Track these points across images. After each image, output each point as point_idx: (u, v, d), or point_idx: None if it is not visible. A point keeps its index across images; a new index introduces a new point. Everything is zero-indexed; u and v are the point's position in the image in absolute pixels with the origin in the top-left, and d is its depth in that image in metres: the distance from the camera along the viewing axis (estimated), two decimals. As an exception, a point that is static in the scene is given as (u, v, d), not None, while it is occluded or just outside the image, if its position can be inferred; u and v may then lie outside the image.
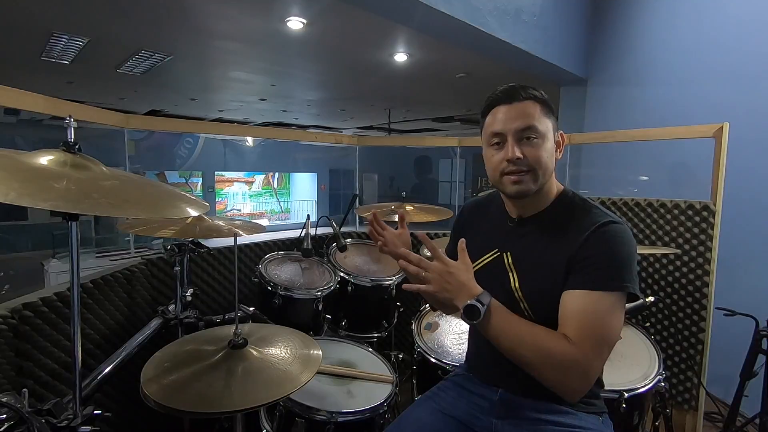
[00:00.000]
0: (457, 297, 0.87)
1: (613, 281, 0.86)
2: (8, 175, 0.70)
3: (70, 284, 0.88)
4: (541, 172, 0.93)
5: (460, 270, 0.89)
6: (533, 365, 0.86)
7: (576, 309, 0.87)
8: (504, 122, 0.94)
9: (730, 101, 2.62)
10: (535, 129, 0.92)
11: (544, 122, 0.93)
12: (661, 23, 3.19)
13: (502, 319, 0.87)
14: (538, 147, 0.92)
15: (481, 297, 0.86)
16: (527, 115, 0.92)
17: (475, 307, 0.84)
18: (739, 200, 2.23)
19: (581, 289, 0.87)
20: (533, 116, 0.92)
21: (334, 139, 2.96)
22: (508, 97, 0.94)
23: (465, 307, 0.84)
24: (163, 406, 0.89)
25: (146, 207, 0.84)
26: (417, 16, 2.62)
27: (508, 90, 0.95)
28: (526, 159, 0.92)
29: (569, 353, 0.83)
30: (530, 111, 0.93)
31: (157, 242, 3.84)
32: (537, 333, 0.86)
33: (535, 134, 0.92)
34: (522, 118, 0.92)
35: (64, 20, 3.69)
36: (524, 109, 0.93)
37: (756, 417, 1.77)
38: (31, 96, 1.39)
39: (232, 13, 3.46)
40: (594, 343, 0.84)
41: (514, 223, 1.03)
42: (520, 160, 0.92)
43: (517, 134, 0.92)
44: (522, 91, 0.94)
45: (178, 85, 6.36)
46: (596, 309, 0.85)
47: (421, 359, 1.52)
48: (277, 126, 10.32)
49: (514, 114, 0.93)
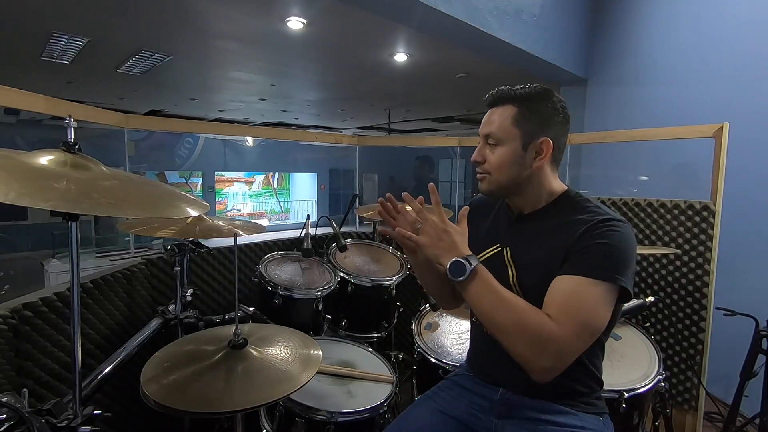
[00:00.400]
0: (446, 254, 0.90)
1: (604, 271, 0.86)
2: (8, 175, 0.70)
3: (70, 284, 0.87)
4: (495, 176, 0.98)
5: (456, 231, 0.93)
6: (509, 333, 0.85)
7: (561, 290, 0.87)
8: (482, 126, 1.02)
9: (730, 101, 2.62)
10: (494, 136, 0.98)
11: (509, 130, 0.96)
12: (661, 23, 3.19)
13: (485, 283, 0.88)
14: (495, 153, 0.98)
15: (469, 257, 0.89)
16: (491, 122, 0.99)
17: (463, 264, 0.87)
18: (739, 200, 2.24)
19: (571, 275, 0.87)
20: (498, 123, 0.97)
21: (334, 139, 2.96)
22: (491, 101, 1.01)
23: (453, 263, 0.88)
24: (163, 406, 0.89)
25: (146, 207, 0.84)
26: (417, 16, 2.62)
27: (493, 94, 1.00)
28: (485, 163, 1.00)
29: (547, 328, 0.83)
30: (501, 116, 0.97)
31: (157, 242, 3.84)
32: (517, 303, 0.87)
33: (495, 141, 0.98)
34: (488, 124, 0.99)
35: (64, 20, 3.69)
36: (497, 114, 0.98)
37: (756, 417, 1.77)
38: (31, 96, 1.39)
39: (232, 13, 3.46)
40: (575, 323, 0.84)
41: (514, 220, 1.04)
42: (477, 163, 1.01)
43: (484, 139, 1.00)
44: (504, 96, 0.98)
45: (178, 85, 6.36)
46: (582, 293, 0.85)
47: (421, 359, 1.52)
48: (277, 126, 10.32)
49: (486, 119, 1.01)
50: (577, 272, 0.87)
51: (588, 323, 0.85)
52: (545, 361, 0.83)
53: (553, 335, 0.82)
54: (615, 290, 0.87)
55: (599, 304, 0.86)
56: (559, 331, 0.82)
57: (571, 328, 0.83)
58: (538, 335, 0.83)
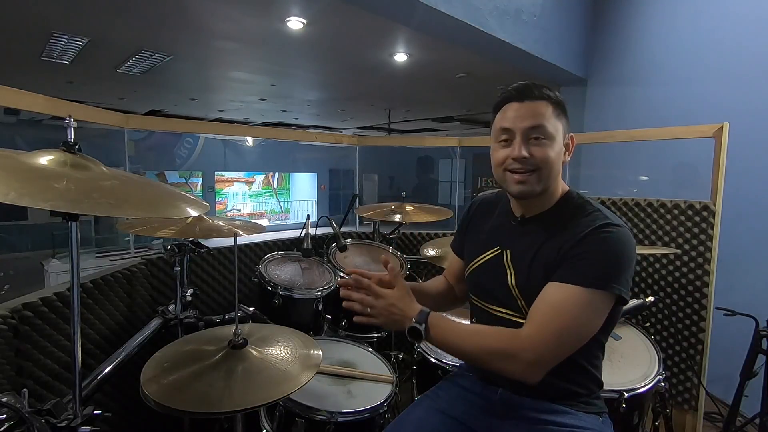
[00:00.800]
0: (401, 323, 0.92)
1: (597, 279, 0.85)
2: (8, 175, 0.70)
3: (70, 284, 0.87)
4: (546, 173, 0.92)
5: (399, 298, 0.94)
6: (480, 359, 0.91)
7: (548, 302, 0.88)
8: (514, 120, 0.93)
9: (730, 101, 2.62)
10: (544, 129, 0.91)
11: (554, 124, 0.93)
12: (660, 23, 3.19)
13: (441, 329, 0.91)
14: (545, 147, 0.92)
15: (418, 317, 0.91)
16: (538, 114, 0.91)
17: (416, 328, 0.89)
18: (739, 200, 2.24)
19: (562, 282, 0.87)
20: (544, 116, 0.91)
21: (334, 139, 2.96)
22: (520, 94, 0.93)
23: (408, 331, 0.90)
24: (163, 406, 0.89)
25: (146, 207, 0.84)
26: (417, 16, 2.62)
27: (521, 87, 0.94)
28: (532, 159, 0.91)
29: (514, 342, 0.86)
30: (541, 111, 0.92)
31: (157, 242, 3.84)
32: (477, 330, 0.94)
33: (544, 135, 0.91)
34: (532, 117, 0.91)
35: (64, 20, 3.69)
36: (536, 108, 0.92)
37: (756, 417, 1.77)
38: (31, 96, 1.39)
39: (232, 13, 3.46)
40: (549, 331, 0.85)
41: (516, 222, 1.03)
42: (526, 160, 0.91)
43: (525, 133, 0.92)
44: (535, 90, 0.93)
45: (178, 85, 6.36)
46: (569, 304, 0.85)
47: (421, 359, 1.52)
48: (277, 126, 10.32)
49: (524, 112, 0.92)
50: (568, 280, 0.86)
51: (567, 330, 0.86)
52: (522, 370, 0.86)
53: (524, 345, 0.85)
54: (609, 297, 0.87)
55: (587, 314, 0.86)
56: (530, 341, 0.85)
57: (544, 335, 0.85)
58: (506, 351, 0.86)
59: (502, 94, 0.98)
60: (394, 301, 0.93)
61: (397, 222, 2.21)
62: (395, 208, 2.25)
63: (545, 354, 0.85)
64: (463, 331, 0.93)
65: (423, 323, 0.90)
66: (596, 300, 0.86)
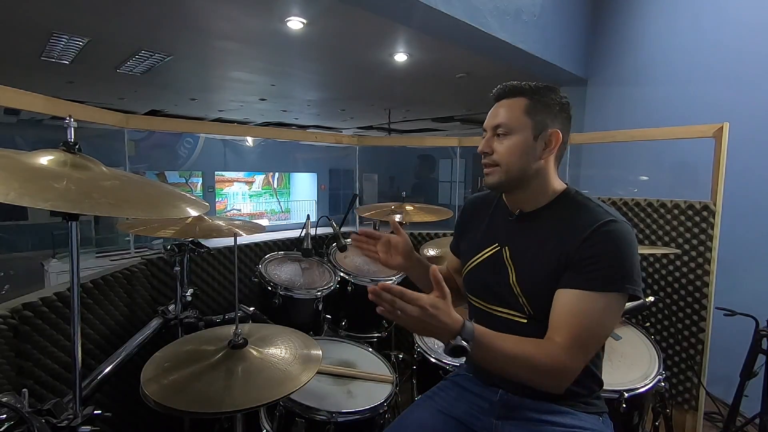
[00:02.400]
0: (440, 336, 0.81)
1: (612, 283, 0.86)
2: (8, 175, 0.70)
3: (70, 284, 0.87)
4: (505, 167, 0.96)
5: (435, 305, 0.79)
6: (523, 379, 0.88)
7: (569, 310, 0.87)
8: (488, 117, 1.00)
9: (730, 101, 2.62)
10: (506, 124, 0.95)
11: (520, 119, 0.95)
12: (661, 23, 3.19)
13: (486, 345, 0.82)
14: (504, 141, 0.96)
15: (464, 332, 0.79)
16: (503, 112, 0.97)
17: (462, 347, 0.78)
18: (739, 200, 2.23)
19: (578, 289, 0.87)
20: (510, 113, 0.96)
21: (334, 139, 2.95)
22: (499, 95, 0.99)
23: (451, 349, 0.79)
24: (163, 406, 0.89)
25: (146, 207, 0.84)
26: (417, 16, 2.62)
27: (501, 88, 0.99)
28: (493, 153, 0.97)
29: (557, 363, 0.84)
30: (511, 107, 0.96)
31: (157, 242, 3.84)
32: (524, 350, 0.84)
33: (505, 130, 0.95)
34: (498, 114, 0.97)
35: (64, 20, 3.69)
36: (507, 105, 0.97)
37: (756, 417, 1.77)
38: (31, 96, 1.39)
39: (232, 13, 3.46)
40: (583, 346, 0.86)
41: (513, 218, 1.03)
42: (486, 154, 0.98)
43: (492, 130, 0.98)
44: (514, 89, 0.97)
45: (178, 85, 6.36)
46: (590, 311, 0.86)
47: (421, 359, 1.52)
48: (277, 126, 10.32)
49: (494, 112, 0.99)
50: (582, 286, 0.87)
51: (595, 340, 0.87)
52: (562, 384, 0.87)
53: (563, 367, 0.84)
54: (624, 297, 0.88)
55: (607, 317, 0.87)
56: (569, 359, 0.84)
57: (579, 351, 0.85)
58: (547, 373, 0.85)
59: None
60: (433, 311, 0.78)
61: (396, 222, 2.21)
62: (395, 208, 2.25)
63: (579, 365, 0.86)
64: (508, 353, 0.84)
65: (470, 340, 0.79)
66: (614, 302, 0.87)
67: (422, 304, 0.78)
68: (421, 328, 0.80)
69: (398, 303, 0.78)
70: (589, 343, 0.86)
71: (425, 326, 0.79)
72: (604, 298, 0.86)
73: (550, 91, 0.97)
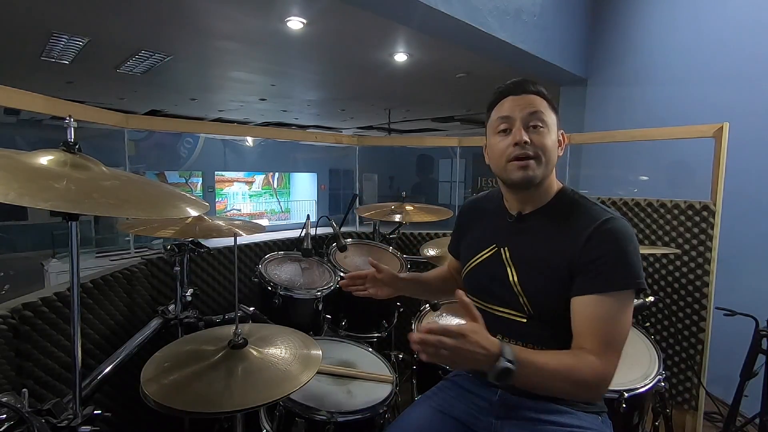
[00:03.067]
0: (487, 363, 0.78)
1: (623, 280, 0.87)
2: (8, 175, 0.70)
3: (70, 284, 0.87)
4: (545, 160, 0.94)
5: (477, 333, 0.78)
6: (565, 394, 0.88)
7: (591, 317, 0.87)
8: (513, 108, 0.95)
9: (730, 101, 2.62)
10: (542, 117, 0.94)
11: (550, 115, 0.96)
12: (661, 23, 3.19)
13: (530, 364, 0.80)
14: (544, 135, 0.94)
15: (505, 353, 0.78)
16: (536, 103, 0.95)
17: (508, 369, 0.77)
18: (739, 200, 2.23)
19: (592, 294, 0.87)
20: (541, 105, 0.95)
21: (334, 139, 2.96)
22: (517, 87, 0.97)
23: (497, 374, 0.77)
24: (163, 406, 0.88)
25: (146, 207, 0.84)
26: (417, 16, 2.62)
27: (518, 81, 0.97)
28: (532, 145, 0.92)
29: (596, 372, 0.84)
30: (537, 102, 0.95)
31: (157, 242, 3.84)
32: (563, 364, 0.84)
33: (542, 122, 0.94)
34: (531, 105, 0.94)
35: (64, 20, 3.69)
36: (532, 99, 0.95)
37: (756, 417, 1.77)
38: (31, 96, 1.39)
39: (232, 13, 3.46)
40: (613, 349, 0.86)
41: (513, 219, 1.03)
42: (528, 144, 0.92)
43: (525, 119, 0.93)
44: (531, 85, 0.96)
45: (178, 85, 6.36)
46: (610, 313, 0.86)
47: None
48: (277, 126, 10.32)
49: (522, 103, 0.95)
50: (596, 290, 0.87)
51: (622, 339, 0.87)
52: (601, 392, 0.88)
53: (603, 374, 0.84)
54: (633, 292, 0.89)
55: (625, 315, 0.88)
56: (604, 366, 0.84)
57: (612, 355, 0.86)
58: (590, 384, 0.85)
59: (497, 89, 1.00)
60: (474, 338, 0.76)
61: (397, 222, 2.21)
62: (395, 208, 2.25)
63: (614, 368, 0.86)
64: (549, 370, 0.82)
65: (513, 360, 0.77)
66: (628, 299, 0.88)
67: (463, 332, 0.76)
68: (463, 358, 0.76)
69: (444, 341, 0.75)
70: (617, 344, 0.87)
71: (468, 355, 0.76)
72: (619, 297, 0.87)
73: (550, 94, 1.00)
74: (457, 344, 0.75)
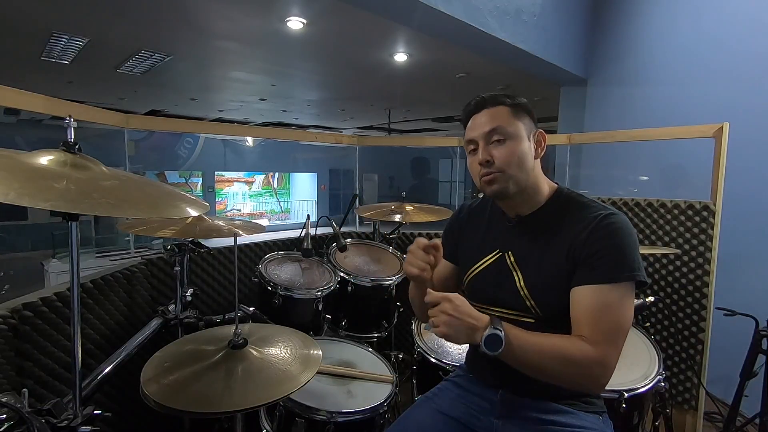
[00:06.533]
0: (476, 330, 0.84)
1: (622, 272, 0.87)
2: (8, 175, 0.70)
3: (70, 284, 0.88)
4: (512, 171, 0.95)
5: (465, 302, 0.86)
6: (555, 376, 0.87)
7: (589, 306, 0.88)
8: (474, 129, 0.99)
9: (730, 101, 2.62)
10: (501, 130, 0.95)
11: (513, 124, 0.96)
12: (661, 23, 3.19)
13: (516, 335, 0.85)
14: (506, 147, 0.95)
15: (494, 322, 0.84)
16: (494, 118, 0.97)
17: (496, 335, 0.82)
18: (739, 200, 2.23)
19: (591, 284, 0.88)
20: (500, 119, 0.96)
21: (334, 139, 2.95)
22: (477, 106, 1.00)
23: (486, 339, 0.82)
24: (163, 406, 0.89)
25: (146, 207, 0.84)
26: (417, 16, 2.61)
27: (477, 101, 1.01)
28: (495, 160, 0.95)
29: (590, 356, 0.84)
30: (498, 115, 0.97)
31: (157, 242, 3.84)
32: (555, 344, 0.86)
33: (503, 135, 0.95)
34: (490, 121, 0.97)
35: (64, 20, 3.69)
36: (492, 114, 0.97)
37: (756, 417, 1.77)
38: (31, 96, 1.39)
39: (232, 13, 3.46)
40: (611, 337, 0.86)
41: (513, 223, 1.03)
42: (489, 162, 0.96)
43: (485, 138, 0.96)
44: (491, 100, 0.99)
45: (178, 85, 6.36)
46: (608, 302, 0.87)
47: (421, 359, 1.52)
48: (277, 126, 10.32)
49: (483, 120, 0.98)
50: (596, 280, 0.88)
51: (621, 330, 0.87)
52: (599, 380, 0.87)
53: (597, 359, 0.84)
54: (633, 284, 0.90)
55: (625, 306, 0.88)
56: (601, 353, 0.85)
57: (608, 344, 0.86)
58: (582, 367, 0.85)
59: (463, 110, 1.04)
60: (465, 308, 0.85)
61: (397, 222, 2.21)
62: (395, 208, 2.25)
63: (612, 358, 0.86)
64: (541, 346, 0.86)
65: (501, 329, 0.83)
66: (626, 290, 0.88)
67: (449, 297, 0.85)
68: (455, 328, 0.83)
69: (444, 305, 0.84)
70: (615, 334, 0.87)
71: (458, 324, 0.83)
72: (618, 288, 0.87)
73: (517, 96, 1.00)
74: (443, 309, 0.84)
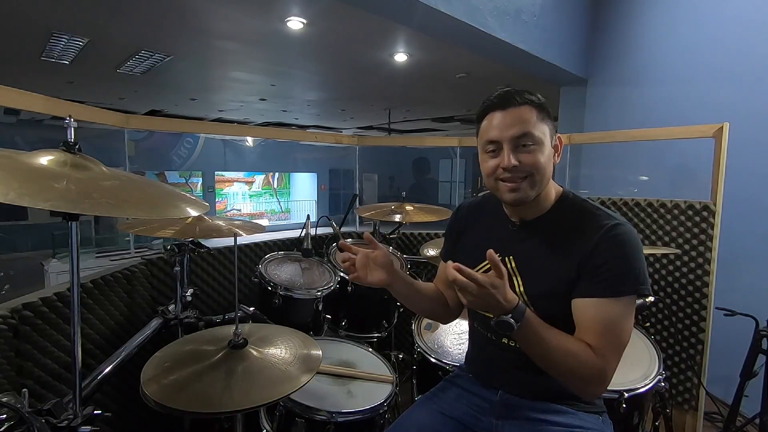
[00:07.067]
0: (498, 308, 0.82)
1: (627, 286, 0.86)
2: (8, 175, 0.70)
3: (70, 284, 0.88)
4: (538, 178, 0.91)
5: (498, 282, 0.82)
6: (563, 371, 0.87)
7: (593, 318, 0.87)
8: (500, 129, 0.91)
9: (730, 101, 2.62)
10: (531, 136, 0.90)
11: (540, 128, 0.91)
12: (661, 23, 3.19)
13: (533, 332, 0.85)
14: (534, 153, 0.90)
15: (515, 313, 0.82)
16: (523, 121, 0.90)
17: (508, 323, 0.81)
18: (739, 200, 2.23)
19: (596, 297, 0.87)
20: (529, 123, 0.90)
21: (334, 139, 2.95)
22: (503, 102, 0.92)
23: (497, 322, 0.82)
24: (163, 406, 0.89)
25: (146, 207, 0.84)
26: (417, 16, 2.61)
27: (503, 95, 0.92)
28: (522, 166, 0.90)
29: (595, 364, 0.84)
30: (526, 117, 0.90)
31: (157, 242, 3.84)
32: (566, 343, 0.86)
33: (532, 141, 0.90)
34: (518, 124, 0.90)
35: (64, 20, 3.69)
36: (520, 115, 0.90)
37: (756, 417, 1.77)
38: (31, 96, 1.39)
39: (232, 13, 3.46)
40: (613, 350, 0.86)
41: (516, 227, 1.01)
42: (516, 168, 0.90)
43: (512, 142, 0.90)
44: (518, 96, 0.91)
45: (178, 85, 6.36)
46: (611, 317, 0.86)
47: (421, 359, 1.52)
48: (277, 126, 10.32)
49: (509, 121, 0.90)
50: (600, 294, 0.87)
51: (623, 343, 0.88)
52: (596, 390, 0.88)
53: (600, 369, 0.85)
54: (636, 298, 0.89)
55: (626, 321, 0.88)
56: (604, 364, 0.85)
57: (611, 356, 0.86)
58: (587, 373, 0.85)
59: (483, 102, 0.96)
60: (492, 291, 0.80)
61: (397, 222, 2.21)
62: (395, 208, 2.25)
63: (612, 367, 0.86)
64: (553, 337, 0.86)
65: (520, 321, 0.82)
66: (629, 304, 0.88)
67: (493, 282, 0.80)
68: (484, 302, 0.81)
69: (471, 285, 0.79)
70: (618, 347, 0.87)
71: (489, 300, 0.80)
72: (622, 302, 0.87)
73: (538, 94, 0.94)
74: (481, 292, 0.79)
